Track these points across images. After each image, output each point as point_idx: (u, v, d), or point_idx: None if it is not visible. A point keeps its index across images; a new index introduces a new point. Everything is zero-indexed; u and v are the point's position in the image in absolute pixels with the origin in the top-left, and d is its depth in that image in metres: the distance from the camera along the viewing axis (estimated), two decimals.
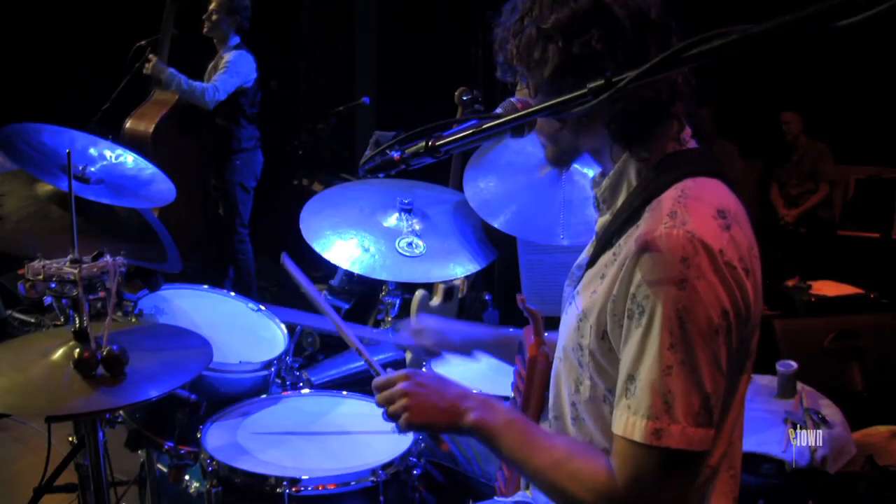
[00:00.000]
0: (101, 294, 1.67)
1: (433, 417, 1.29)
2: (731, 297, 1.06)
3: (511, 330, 1.75)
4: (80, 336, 1.57)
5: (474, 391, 1.27)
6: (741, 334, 1.11)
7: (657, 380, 1.06)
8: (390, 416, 1.32)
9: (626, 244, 1.14)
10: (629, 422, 1.09)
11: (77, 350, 1.53)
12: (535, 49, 1.17)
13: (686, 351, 1.05)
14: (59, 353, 1.58)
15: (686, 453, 1.07)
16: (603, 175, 1.33)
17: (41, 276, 1.68)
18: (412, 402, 1.29)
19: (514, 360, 1.66)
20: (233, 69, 4.59)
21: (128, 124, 5.04)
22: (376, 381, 1.38)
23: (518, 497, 1.48)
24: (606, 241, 1.22)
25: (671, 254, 1.05)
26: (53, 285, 1.65)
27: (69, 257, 1.68)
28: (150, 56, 4.54)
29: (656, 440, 1.06)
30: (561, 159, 1.33)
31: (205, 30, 4.67)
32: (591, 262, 1.26)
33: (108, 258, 1.66)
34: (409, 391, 1.30)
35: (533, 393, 1.40)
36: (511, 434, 1.24)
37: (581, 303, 1.23)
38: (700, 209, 1.09)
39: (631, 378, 1.09)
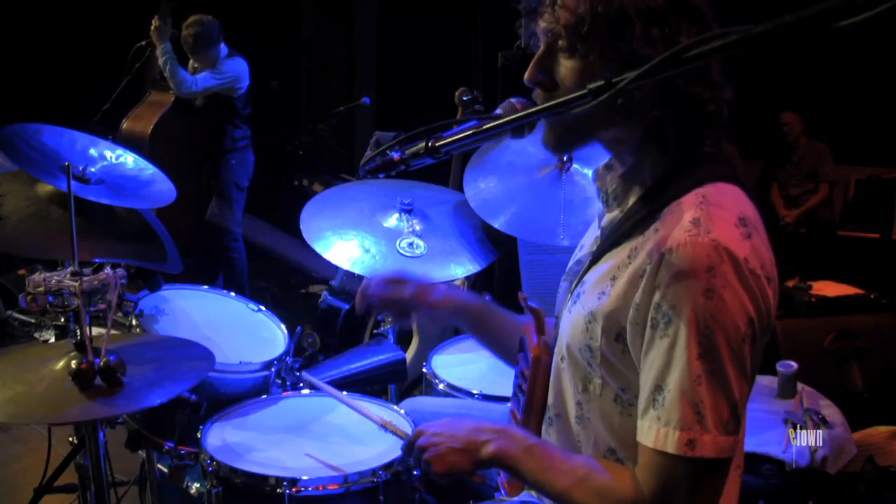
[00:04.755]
0: (102, 306, 1.68)
1: (454, 461, 1.28)
2: (755, 306, 1.06)
3: (497, 306, 1.65)
4: (81, 347, 1.57)
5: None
6: (762, 341, 1.11)
7: (688, 390, 1.05)
8: (425, 475, 1.34)
9: (644, 248, 1.12)
10: (660, 433, 1.08)
11: (74, 361, 1.54)
12: (615, 26, 1.09)
13: (714, 360, 1.05)
14: (60, 364, 1.59)
15: (716, 461, 1.07)
16: (608, 167, 1.30)
17: (42, 289, 1.69)
18: (431, 456, 1.29)
19: (487, 340, 1.64)
20: (220, 72, 4.64)
21: (125, 125, 5.05)
22: (402, 447, 1.42)
23: (523, 497, 1.48)
24: (615, 240, 1.20)
25: (697, 262, 1.04)
26: (52, 299, 1.66)
27: (69, 269, 1.68)
28: (156, 19, 4.52)
29: (690, 451, 1.06)
30: (567, 146, 1.26)
31: (190, 59, 4.71)
32: (595, 259, 1.24)
33: (108, 271, 1.67)
34: (425, 445, 1.31)
35: (537, 393, 1.39)
36: (531, 460, 1.23)
37: (587, 303, 1.21)
38: (723, 216, 1.07)
39: (659, 388, 1.08)
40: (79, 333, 1.61)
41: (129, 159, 2.25)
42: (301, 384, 2.18)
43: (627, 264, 1.15)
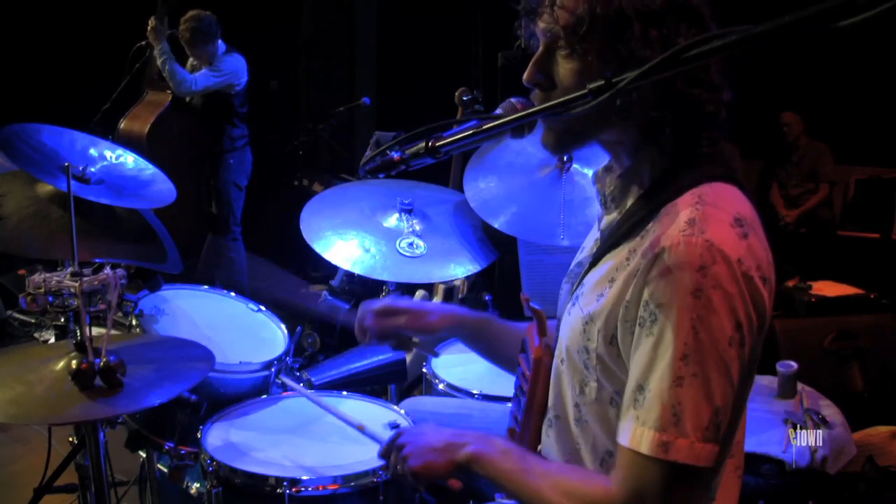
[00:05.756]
0: (102, 306, 1.68)
1: (431, 458, 1.30)
2: (745, 309, 1.05)
3: (497, 317, 1.65)
4: (81, 347, 1.57)
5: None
6: (754, 344, 1.09)
7: (667, 391, 1.04)
8: (400, 475, 1.35)
9: (640, 249, 1.12)
10: (636, 433, 1.07)
11: (74, 361, 1.54)
12: (613, 27, 1.10)
13: (698, 362, 1.03)
14: (60, 364, 1.59)
15: (691, 468, 1.05)
16: (607, 170, 1.30)
17: (42, 289, 1.68)
18: (409, 450, 1.31)
19: (485, 351, 1.64)
20: (218, 69, 4.65)
21: (122, 125, 5.05)
22: (380, 451, 1.42)
23: None
24: (614, 242, 1.20)
25: (689, 262, 1.03)
26: (52, 299, 1.66)
27: (69, 269, 1.68)
28: (152, 20, 4.54)
29: (663, 453, 1.04)
30: (565, 146, 1.26)
31: (189, 58, 4.71)
32: (595, 261, 1.24)
33: (108, 271, 1.67)
34: (405, 441, 1.33)
35: (537, 394, 1.39)
36: (507, 462, 1.24)
37: (586, 305, 1.20)
38: (718, 216, 1.07)
39: (640, 388, 1.08)
40: (79, 333, 1.61)
41: (129, 159, 2.25)
42: (301, 384, 2.18)
43: (626, 266, 1.14)
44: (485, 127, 1.15)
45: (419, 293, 3.08)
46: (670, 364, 1.04)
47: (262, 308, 2.39)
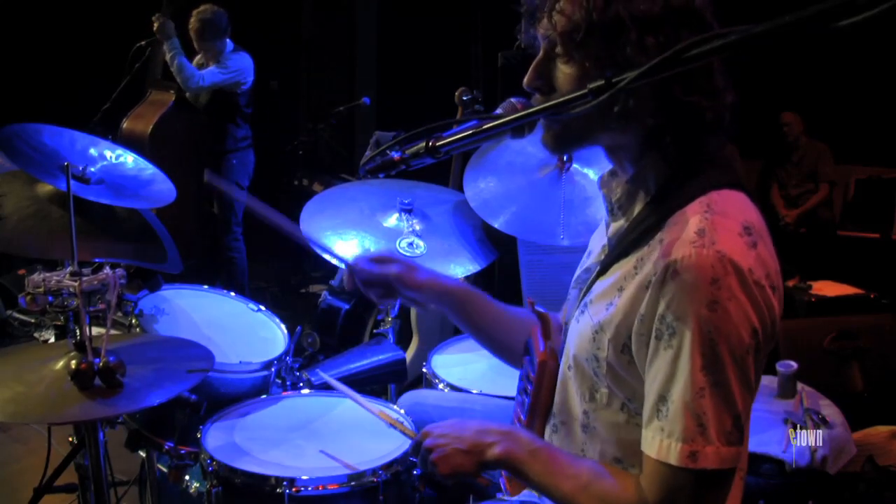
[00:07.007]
0: (102, 306, 1.68)
1: (459, 463, 1.29)
2: (759, 317, 1.06)
3: (488, 296, 1.61)
4: (81, 347, 1.57)
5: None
6: (766, 350, 1.11)
7: (691, 402, 1.06)
8: (430, 476, 1.35)
9: (649, 258, 1.12)
10: (663, 445, 1.09)
11: (74, 361, 1.54)
12: (609, 33, 1.10)
13: (718, 372, 1.05)
14: (60, 364, 1.59)
15: (719, 472, 1.07)
16: (612, 174, 1.30)
17: (41, 289, 1.69)
18: (436, 457, 1.30)
19: (471, 327, 1.61)
20: (225, 67, 4.65)
21: (125, 125, 5.05)
22: (409, 448, 1.44)
23: (524, 496, 1.48)
24: (622, 250, 1.20)
25: (701, 274, 1.04)
26: (52, 299, 1.66)
27: (69, 269, 1.68)
28: (158, 16, 4.54)
29: (692, 463, 1.06)
30: (564, 146, 1.27)
31: (197, 50, 4.73)
32: (603, 269, 1.24)
33: (107, 271, 1.67)
34: (431, 446, 1.32)
35: (541, 398, 1.39)
36: (537, 463, 1.24)
37: (596, 314, 1.21)
38: (727, 226, 1.07)
39: (662, 399, 1.09)
40: (78, 333, 1.61)
41: (129, 159, 2.25)
42: (301, 384, 2.18)
43: (634, 275, 1.15)
44: (485, 127, 1.16)
45: None
46: (691, 376, 1.05)
47: (262, 308, 2.40)
